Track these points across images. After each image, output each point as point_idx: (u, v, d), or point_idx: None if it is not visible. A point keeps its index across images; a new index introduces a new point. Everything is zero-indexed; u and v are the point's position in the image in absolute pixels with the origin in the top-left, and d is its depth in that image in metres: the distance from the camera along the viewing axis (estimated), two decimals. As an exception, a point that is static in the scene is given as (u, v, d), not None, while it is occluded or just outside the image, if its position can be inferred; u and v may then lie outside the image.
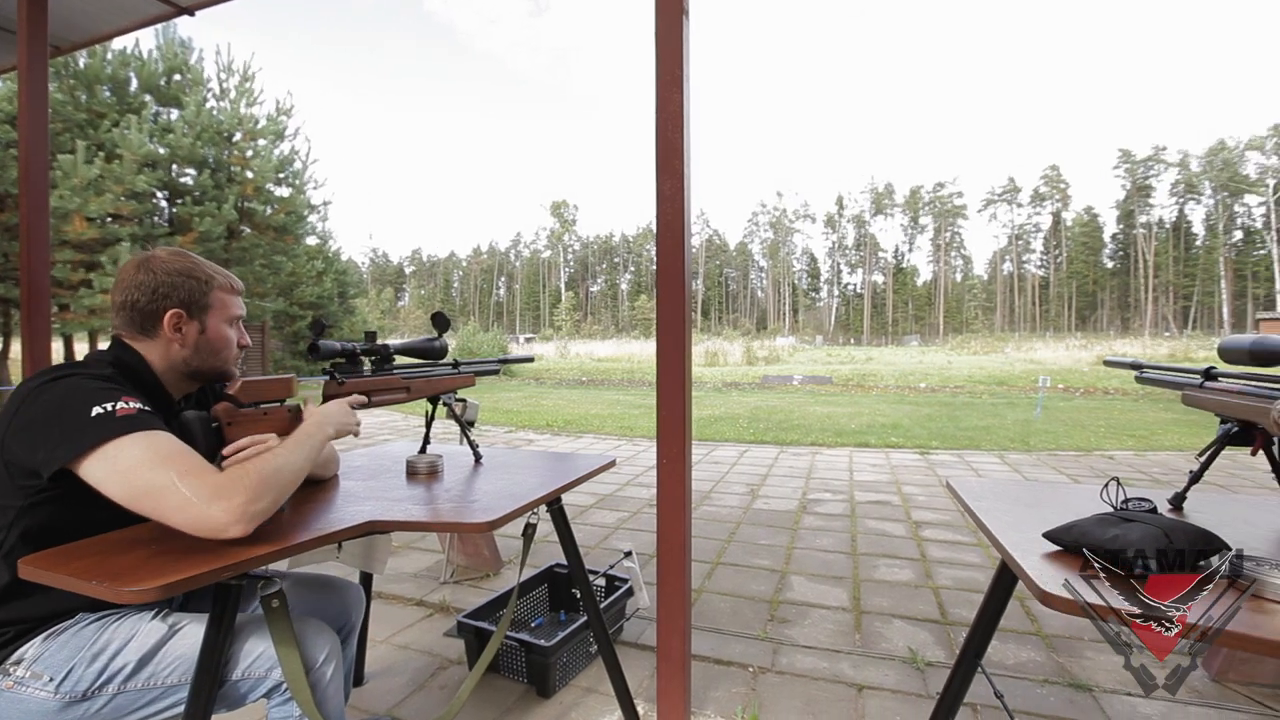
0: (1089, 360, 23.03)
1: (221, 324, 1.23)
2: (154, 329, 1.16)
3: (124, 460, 0.94)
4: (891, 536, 3.66)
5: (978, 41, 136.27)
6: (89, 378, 1.03)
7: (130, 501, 0.94)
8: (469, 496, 1.35)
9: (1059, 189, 72.40)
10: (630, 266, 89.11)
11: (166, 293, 1.16)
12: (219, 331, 1.23)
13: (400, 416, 9.75)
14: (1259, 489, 4.53)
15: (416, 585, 2.93)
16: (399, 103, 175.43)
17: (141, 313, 1.15)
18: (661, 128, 1.51)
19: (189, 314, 1.18)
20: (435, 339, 1.61)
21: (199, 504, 0.93)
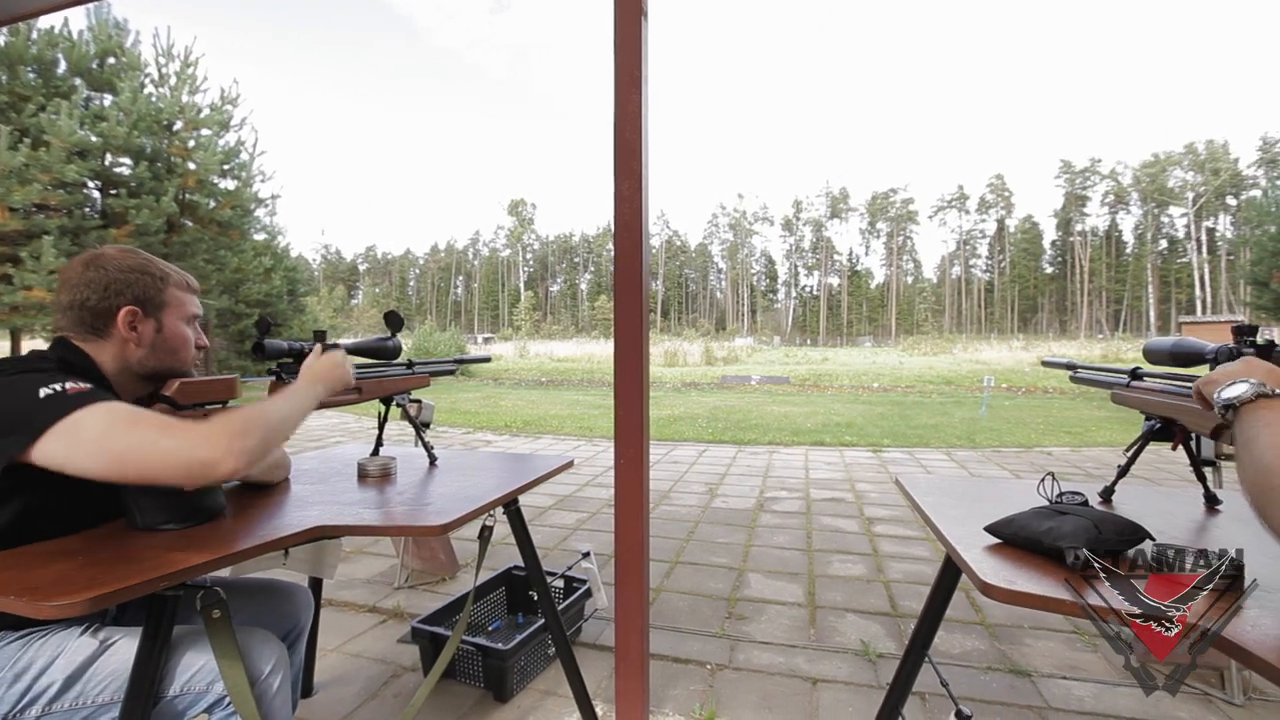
0: (1030, 361, 24.10)
1: (179, 322, 1.18)
2: (106, 328, 1.11)
3: (90, 430, 0.89)
4: (845, 533, 3.75)
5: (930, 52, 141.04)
6: (31, 370, 0.97)
7: (109, 468, 0.89)
8: (423, 499, 1.32)
9: (1004, 197, 75.57)
10: (590, 266, 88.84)
11: (120, 289, 1.10)
12: (176, 330, 1.18)
13: (353, 418, 9.47)
14: (1180, 481, 4.83)
15: (369, 591, 2.86)
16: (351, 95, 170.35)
17: (93, 311, 1.10)
18: (619, 128, 1.51)
19: (144, 311, 1.13)
20: (388, 338, 1.58)
21: (186, 449, 0.90)
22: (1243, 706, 1.94)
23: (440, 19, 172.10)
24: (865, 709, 1.94)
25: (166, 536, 1.03)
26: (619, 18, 1.55)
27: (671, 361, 24.77)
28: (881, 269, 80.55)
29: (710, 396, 13.41)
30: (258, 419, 1.00)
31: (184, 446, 0.90)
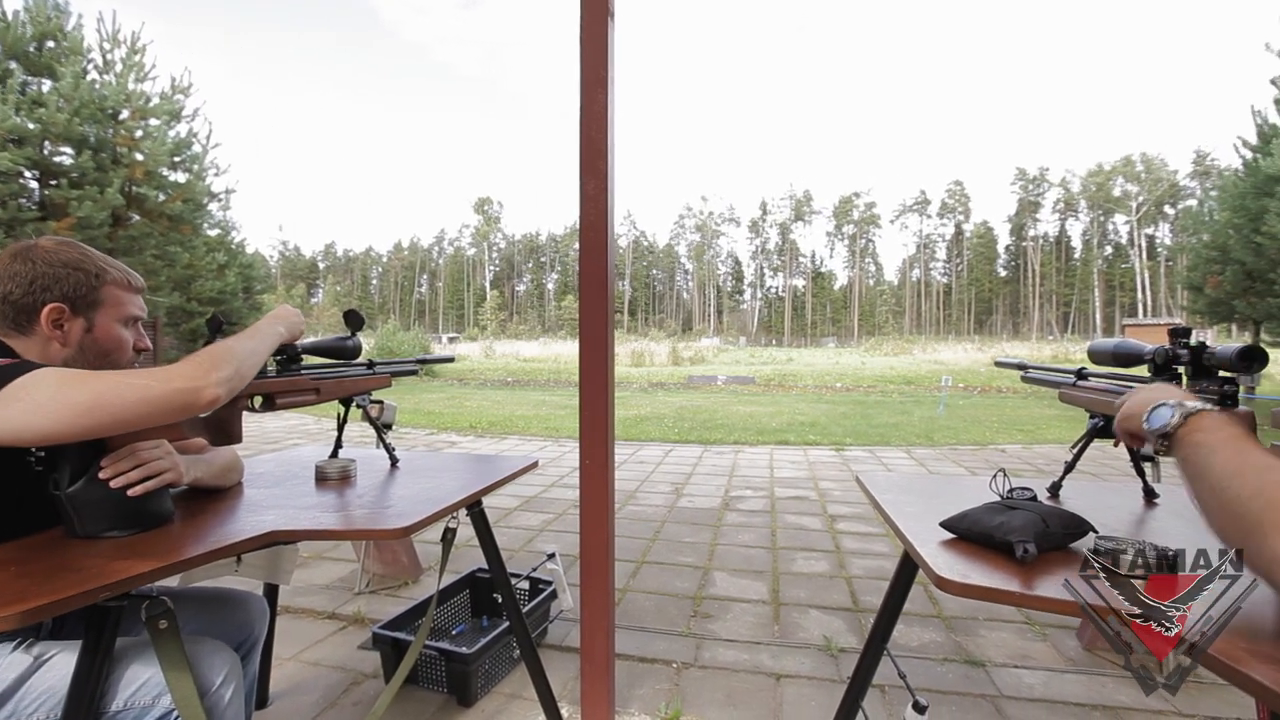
0: (985, 361, 24.91)
1: (114, 324, 1.13)
2: (29, 325, 1.05)
3: (42, 390, 0.85)
4: (809, 530, 3.81)
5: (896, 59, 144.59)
6: None
7: (75, 423, 0.84)
8: (384, 501, 1.30)
9: (962, 202, 77.98)
10: (557, 266, 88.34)
11: (47, 285, 1.05)
12: (110, 332, 1.12)
13: (312, 419, 9.22)
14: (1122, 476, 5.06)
15: (328, 597, 2.78)
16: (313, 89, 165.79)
17: (15, 306, 1.04)
18: (585, 128, 1.51)
19: (73, 310, 1.07)
20: (348, 337, 1.54)
21: (159, 384, 0.87)
22: (1179, 690, 2.04)
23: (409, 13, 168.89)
24: (827, 703, 1.97)
25: (109, 544, 0.98)
26: (585, 17, 1.55)
27: (638, 362, 24.81)
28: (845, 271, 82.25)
29: (677, 396, 13.48)
30: (226, 352, 1.00)
31: (157, 381, 0.87)
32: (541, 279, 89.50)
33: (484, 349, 31.97)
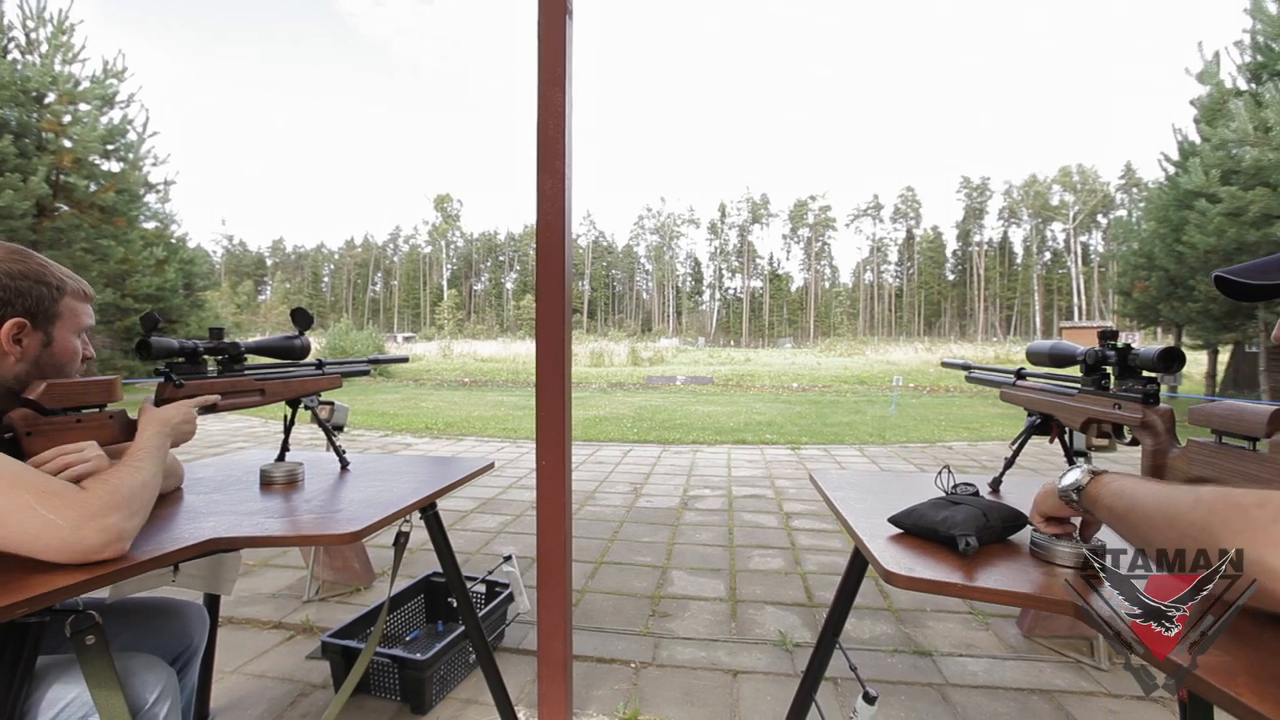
0: (934, 362, 25.79)
1: (70, 335, 1.08)
2: None
3: None
4: (765, 528, 3.87)
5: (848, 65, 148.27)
6: None
7: None
8: (333, 506, 1.26)
9: (913, 208, 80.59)
10: (516, 265, 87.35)
11: (9, 299, 0.99)
12: (66, 344, 1.07)
13: (259, 421, 8.87)
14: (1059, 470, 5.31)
15: (275, 606, 2.68)
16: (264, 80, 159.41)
17: None
18: (543, 126, 1.50)
19: (34, 324, 1.02)
20: (295, 337, 1.49)
21: (67, 527, 0.81)
22: (1107, 671, 2.16)
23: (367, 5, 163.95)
24: (783, 697, 2.01)
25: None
26: (543, 15, 1.54)
27: (598, 362, 24.74)
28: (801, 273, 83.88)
29: (636, 397, 13.50)
30: (141, 492, 0.95)
31: (65, 522, 0.82)
32: (500, 278, 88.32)
33: (441, 349, 31.31)
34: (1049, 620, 2.38)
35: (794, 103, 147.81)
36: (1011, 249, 75.64)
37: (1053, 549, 0.91)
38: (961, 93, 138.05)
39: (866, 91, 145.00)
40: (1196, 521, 0.61)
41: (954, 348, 37.63)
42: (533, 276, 57.17)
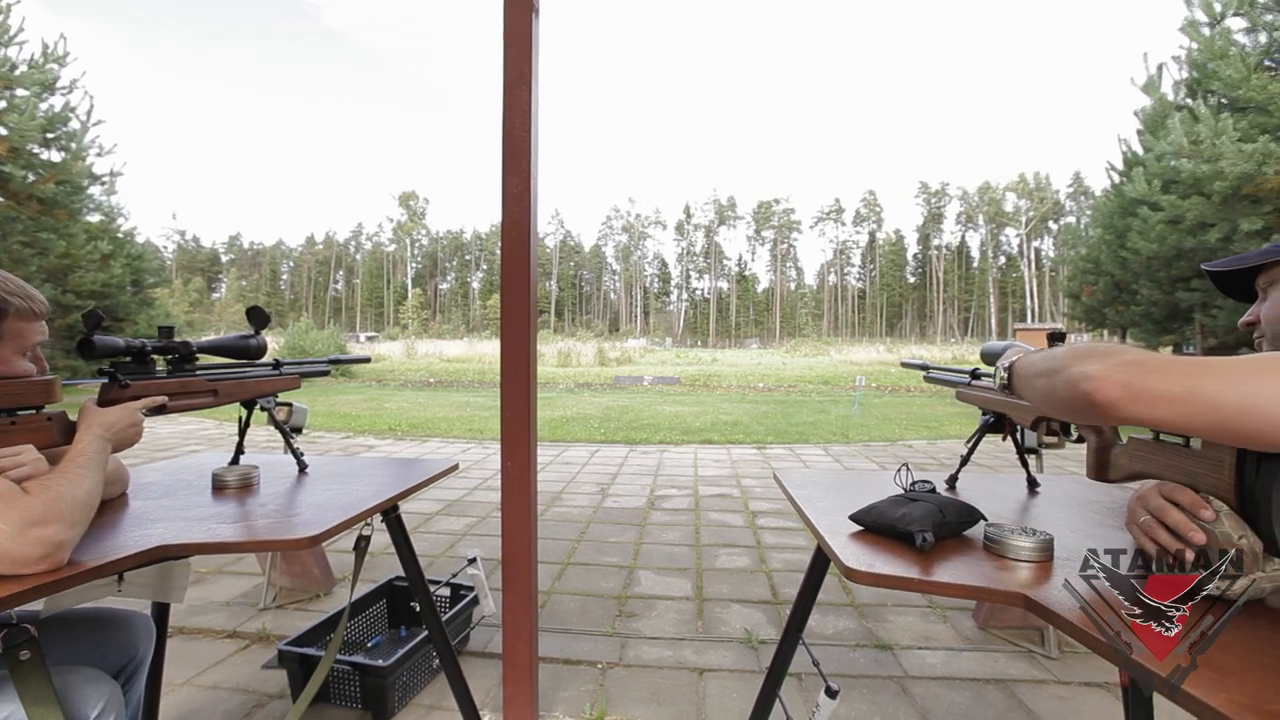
0: (895, 362, 26.42)
1: (14, 358, 1.03)
2: None
3: None
4: (731, 527, 3.91)
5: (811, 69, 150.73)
6: None
7: None
8: (290, 510, 1.22)
9: (875, 212, 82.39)
10: (483, 264, 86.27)
11: None
12: (11, 368, 1.02)
13: (213, 424, 8.57)
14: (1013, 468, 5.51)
15: (230, 615, 2.60)
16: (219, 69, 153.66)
17: None
18: (509, 125, 1.49)
19: None
20: (251, 336, 1.44)
21: (7, 532, 0.78)
22: (1057, 659, 2.25)
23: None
24: (749, 694, 2.03)
25: (-39, 566, 0.87)
26: (508, 13, 1.52)
27: (565, 362, 24.62)
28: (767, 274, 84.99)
29: (603, 397, 13.48)
30: (85, 502, 0.91)
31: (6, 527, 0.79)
32: (466, 277, 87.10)
33: (405, 348, 30.71)
34: (1003, 612, 2.47)
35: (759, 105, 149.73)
36: (969, 253, 78.07)
37: (1005, 542, 0.94)
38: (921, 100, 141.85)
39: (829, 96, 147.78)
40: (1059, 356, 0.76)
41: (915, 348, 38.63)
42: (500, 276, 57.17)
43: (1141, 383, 0.63)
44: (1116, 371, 0.65)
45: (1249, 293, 0.93)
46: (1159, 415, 0.64)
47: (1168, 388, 0.62)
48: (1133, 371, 0.64)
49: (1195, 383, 0.62)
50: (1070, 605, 0.77)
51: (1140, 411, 0.64)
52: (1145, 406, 0.64)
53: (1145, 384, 0.63)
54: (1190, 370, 0.63)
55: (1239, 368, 0.61)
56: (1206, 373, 0.62)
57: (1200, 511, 0.74)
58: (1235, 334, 8.41)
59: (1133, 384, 0.64)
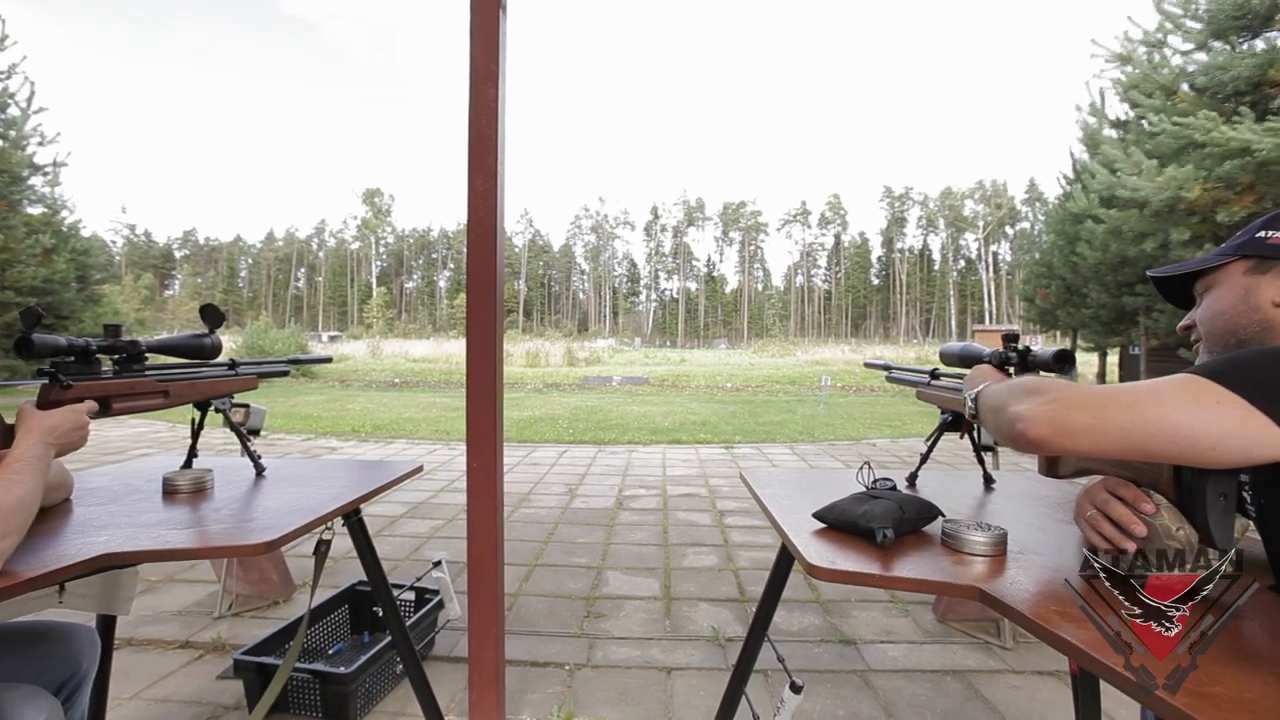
0: (860, 362, 26.95)
1: None
2: None
3: None
4: (699, 526, 3.94)
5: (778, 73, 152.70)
6: None
7: None
8: (246, 514, 1.19)
9: (840, 215, 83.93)
10: (450, 263, 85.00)
11: None
12: None
13: (166, 426, 8.25)
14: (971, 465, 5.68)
15: (182, 625, 2.50)
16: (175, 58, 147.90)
17: None
18: (475, 122, 1.47)
19: None
20: (205, 335, 1.39)
21: None
22: (1012, 649, 2.32)
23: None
24: (716, 692, 2.05)
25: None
26: (475, 9, 1.51)
27: (533, 362, 24.44)
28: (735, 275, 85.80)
29: (572, 397, 13.42)
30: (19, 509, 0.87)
31: None
32: (433, 276, 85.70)
33: (370, 348, 30.05)
34: (961, 605, 2.54)
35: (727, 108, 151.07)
36: (930, 256, 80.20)
37: (961, 538, 0.97)
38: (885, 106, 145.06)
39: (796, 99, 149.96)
40: (1003, 394, 0.84)
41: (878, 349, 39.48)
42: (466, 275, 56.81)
43: (1065, 420, 0.70)
44: (1041, 411, 0.72)
45: (1189, 298, 0.98)
46: (1083, 446, 0.70)
47: (1085, 422, 0.69)
48: (1056, 410, 0.71)
49: (1107, 414, 0.68)
50: (1021, 597, 0.80)
51: (1067, 444, 0.70)
52: (1070, 440, 0.70)
53: (1066, 421, 0.70)
54: (1103, 404, 0.69)
55: (1141, 399, 0.68)
56: (1115, 404, 0.68)
57: (1141, 505, 0.78)
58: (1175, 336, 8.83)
59: (1056, 422, 0.70)
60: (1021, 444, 0.74)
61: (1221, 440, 0.64)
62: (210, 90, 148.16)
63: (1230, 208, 6.09)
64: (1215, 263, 0.90)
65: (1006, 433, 0.78)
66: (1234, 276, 0.88)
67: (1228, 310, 0.88)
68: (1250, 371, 0.66)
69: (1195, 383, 0.67)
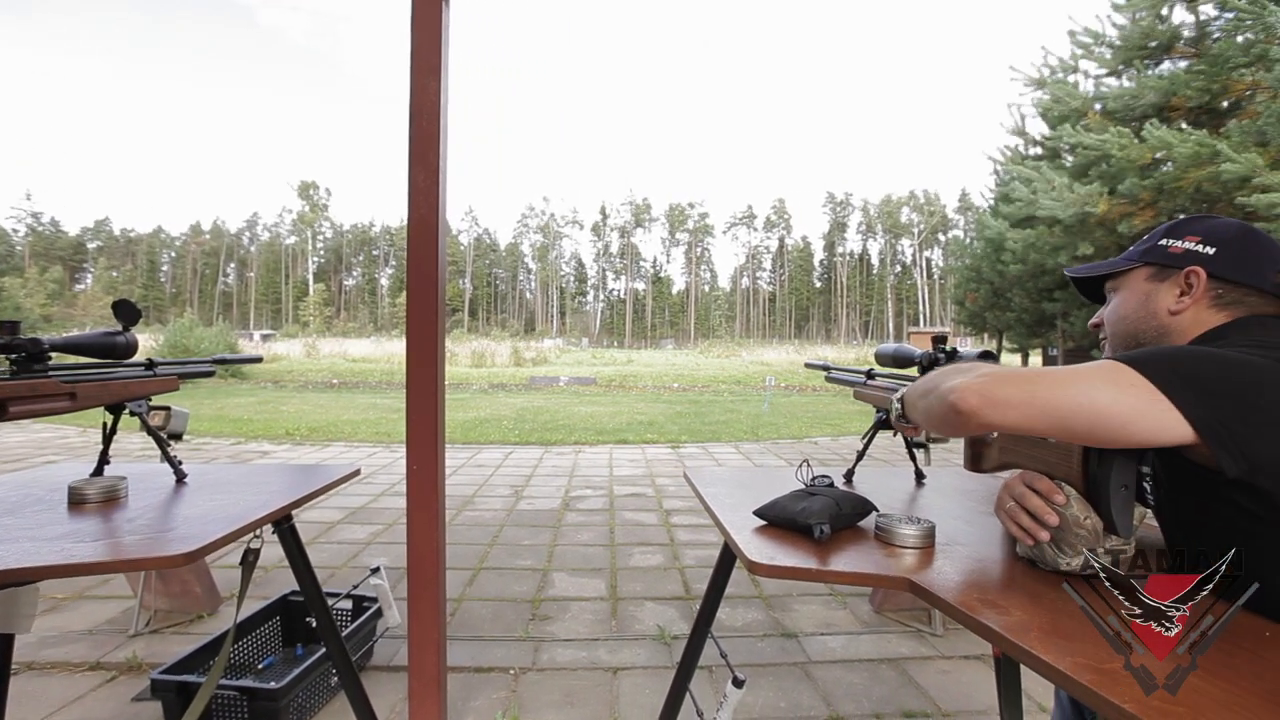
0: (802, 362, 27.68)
1: None
2: None
3: None
4: (645, 525, 3.96)
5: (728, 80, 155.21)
6: None
7: None
8: (164, 524, 1.12)
9: (784, 219, 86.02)
10: (392, 260, 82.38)
11: None
12: None
13: (75, 431, 7.66)
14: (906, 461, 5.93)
15: (92, 645, 2.33)
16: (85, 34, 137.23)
17: None
18: (416, 117, 1.43)
19: None
20: (118, 333, 1.30)
21: None
22: (942, 636, 2.44)
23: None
24: (661, 690, 2.06)
25: None
26: (417, 1, 1.47)
27: (479, 362, 23.99)
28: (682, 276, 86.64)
29: (518, 398, 13.25)
30: None
31: None
32: (374, 273, 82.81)
33: (305, 347, 28.76)
34: (895, 595, 2.65)
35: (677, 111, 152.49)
36: (869, 260, 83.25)
37: (893, 531, 1.01)
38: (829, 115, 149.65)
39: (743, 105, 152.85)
40: (933, 378, 0.88)
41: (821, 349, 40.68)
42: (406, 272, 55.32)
43: (994, 392, 0.73)
44: (975, 383, 0.75)
45: (1102, 297, 1.05)
46: (1012, 420, 0.73)
47: (1013, 394, 0.72)
48: (986, 383, 0.74)
49: (1036, 389, 0.72)
50: (947, 587, 0.84)
51: (996, 417, 0.74)
52: (1000, 412, 0.73)
53: (997, 393, 0.73)
54: (1032, 380, 0.73)
55: (1066, 378, 0.72)
56: (1042, 381, 0.73)
57: (1054, 496, 0.83)
58: (1089, 338, 9.50)
59: (987, 393, 0.73)
60: (953, 417, 0.77)
61: (1132, 420, 0.69)
62: (133, 72, 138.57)
63: (1132, 220, 6.59)
64: (1122, 267, 0.96)
65: (939, 410, 0.81)
66: (1137, 282, 0.94)
67: (1130, 315, 0.94)
68: (1163, 364, 0.71)
69: (1116, 367, 0.72)
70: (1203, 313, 0.86)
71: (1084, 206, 6.87)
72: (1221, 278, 0.85)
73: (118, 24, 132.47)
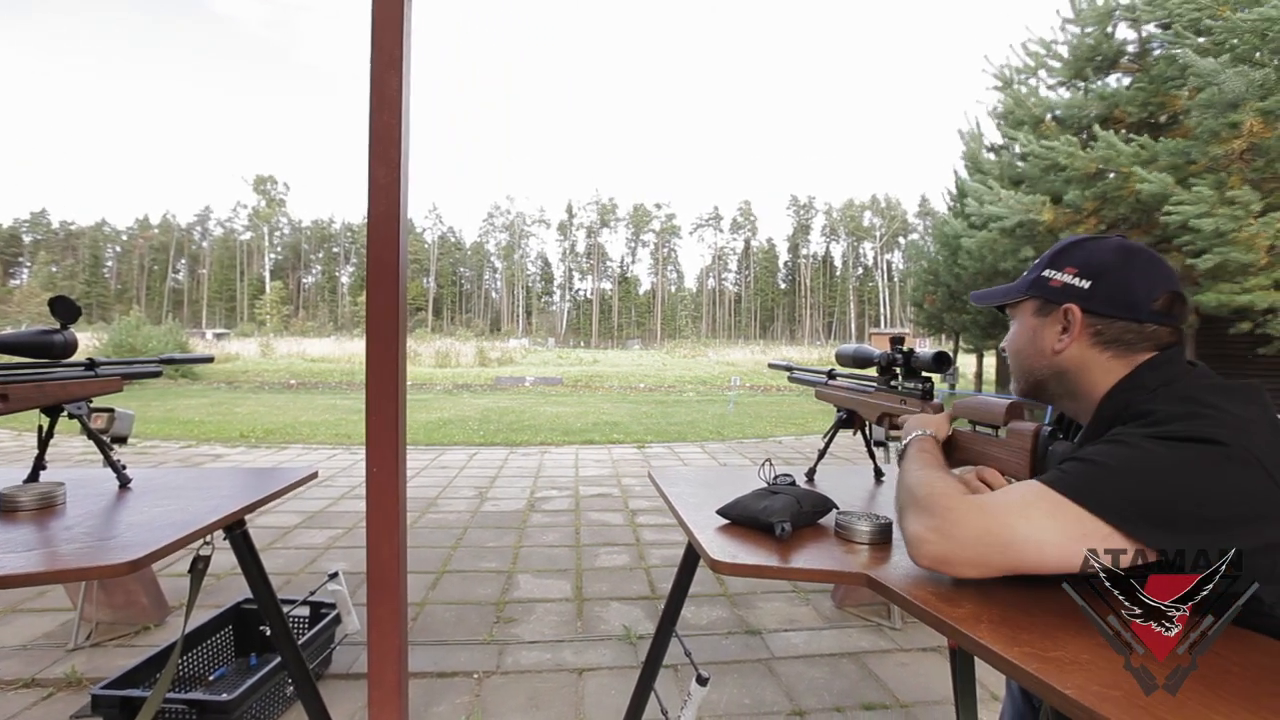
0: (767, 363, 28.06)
1: None
2: None
3: None
4: (611, 526, 3.95)
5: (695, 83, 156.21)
6: None
7: None
8: (106, 531, 1.07)
9: (750, 221, 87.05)
10: (353, 258, 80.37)
11: None
12: None
13: (9, 434, 7.27)
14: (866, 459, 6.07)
15: (26, 660, 2.22)
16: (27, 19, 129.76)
17: None
18: (376, 112, 1.40)
19: None
20: (55, 331, 1.24)
21: None
22: (900, 630, 2.50)
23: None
24: (627, 690, 2.05)
25: None
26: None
27: (444, 362, 23.61)
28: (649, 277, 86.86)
29: (483, 399, 13.09)
30: None
31: None
32: (334, 271, 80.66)
33: (261, 347, 27.82)
34: (855, 591, 2.70)
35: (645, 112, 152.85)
36: (833, 262, 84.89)
37: (851, 528, 1.03)
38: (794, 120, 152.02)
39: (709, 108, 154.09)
40: (901, 495, 0.87)
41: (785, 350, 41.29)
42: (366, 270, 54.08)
43: (949, 561, 0.74)
44: (928, 546, 0.76)
45: None
46: (969, 576, 0.75)
47: (969, 559, 0.73)
48: (941, 549, 0.74)
49: (987, 556, 0.72)
50: (903, 582, 0.86)
51: (957, 573, 0.75)
52: (956, 573, 0.75)
53: (951, 561, 0.74)
54: (985, 542, 0.72)
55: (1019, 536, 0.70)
56: (993, 547, 0.71)
57: None
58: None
59: (943, 561, 0.74)
60: (922, 565, 0.78)
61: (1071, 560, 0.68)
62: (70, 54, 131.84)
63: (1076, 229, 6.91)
64: (1014, 298, 0.92)
65: (904, 532, 0.82)
66: (1026, 315, 0.90)
67: (1023, 350, 0.90)
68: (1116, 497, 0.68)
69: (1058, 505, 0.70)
70: (1086, 351, 0.82)
71: (1028, 214, 7.18)
72: (1097, 313, 0.81)
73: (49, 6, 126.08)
